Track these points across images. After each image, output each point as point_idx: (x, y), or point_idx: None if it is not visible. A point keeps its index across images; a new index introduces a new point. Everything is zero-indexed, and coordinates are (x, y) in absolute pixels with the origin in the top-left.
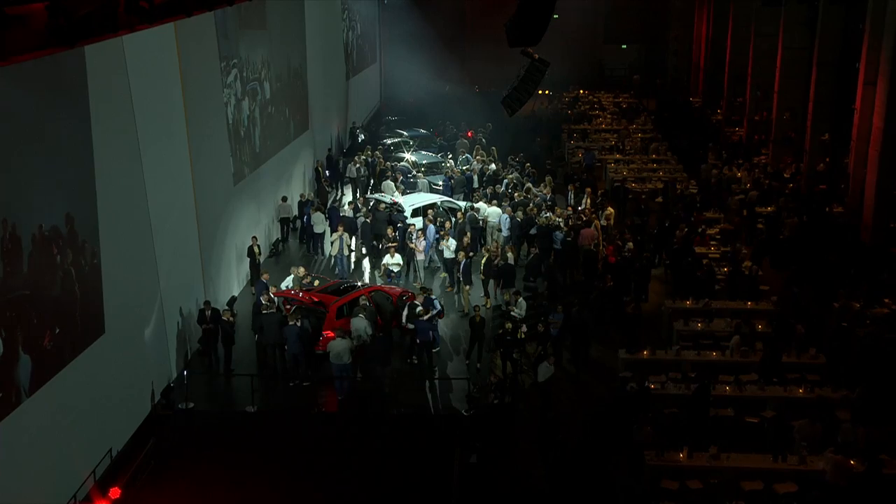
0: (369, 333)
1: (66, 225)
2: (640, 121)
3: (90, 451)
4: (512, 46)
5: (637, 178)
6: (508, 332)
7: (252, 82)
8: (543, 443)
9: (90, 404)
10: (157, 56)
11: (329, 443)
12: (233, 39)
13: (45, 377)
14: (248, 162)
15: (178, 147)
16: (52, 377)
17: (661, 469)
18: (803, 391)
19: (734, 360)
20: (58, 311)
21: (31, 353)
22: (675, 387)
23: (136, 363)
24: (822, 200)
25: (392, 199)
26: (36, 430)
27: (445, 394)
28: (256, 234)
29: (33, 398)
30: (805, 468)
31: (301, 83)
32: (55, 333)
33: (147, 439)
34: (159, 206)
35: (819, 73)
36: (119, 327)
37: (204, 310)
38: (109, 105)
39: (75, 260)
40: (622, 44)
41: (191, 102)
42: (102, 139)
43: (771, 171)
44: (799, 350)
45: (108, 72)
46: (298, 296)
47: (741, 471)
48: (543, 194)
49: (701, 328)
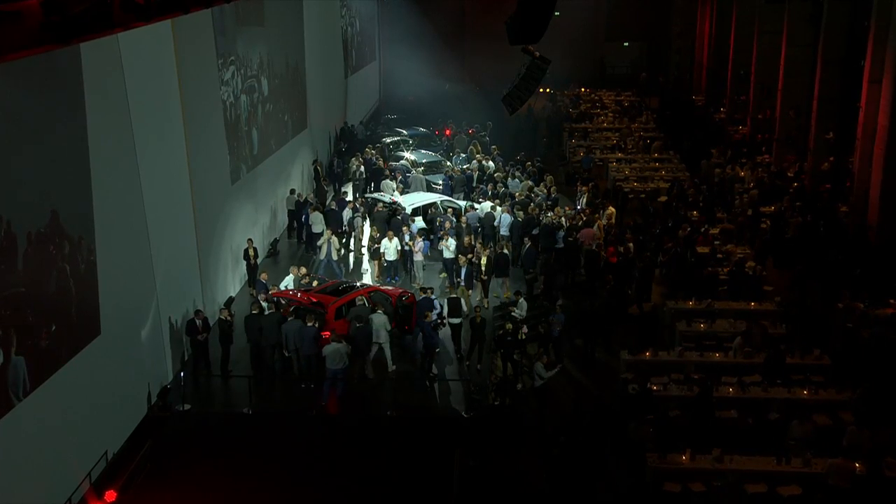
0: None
1: (62, 223)
2: (642, 119)
3: (85, 454)
4: (512, 44)
5: (639, 177)
6: (509, 333)
7: (250, 79)
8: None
9: (86, 406)
10: (153, 53)
11: (328, 445)
12: (230, 36)
13: (41, 378)
14: (245, 161)
15: (175, 146)
16: (48, 378)
17: (664, 472)
18: (807, 393)
19: (737, 361)
20: (53, 310)
21: (26, 353)
22: (677, 388)
23: (132, 364)
24: (826, 200)
25: (391, 198)
26: (31, 432)
27: (445, 395)
28: (254, 234)
29: (28, 400)
30: (809, 471)
31: (299, 81)
32: (51, 332)
33: (143, 442)
34: (156, 205)
35: (823, 70)
36: (115, 328)
37: (194, 319)
38: (105, 103)
39: (71, 259)
40: (624, 41)
41: (188, 100)
42: (98, 137)
43: (774, 170)
44: (803, 351)
45: (104, 69)
46: (297, 296)
47: (745, 473)
48: (544, 194)
49: (704, 329)
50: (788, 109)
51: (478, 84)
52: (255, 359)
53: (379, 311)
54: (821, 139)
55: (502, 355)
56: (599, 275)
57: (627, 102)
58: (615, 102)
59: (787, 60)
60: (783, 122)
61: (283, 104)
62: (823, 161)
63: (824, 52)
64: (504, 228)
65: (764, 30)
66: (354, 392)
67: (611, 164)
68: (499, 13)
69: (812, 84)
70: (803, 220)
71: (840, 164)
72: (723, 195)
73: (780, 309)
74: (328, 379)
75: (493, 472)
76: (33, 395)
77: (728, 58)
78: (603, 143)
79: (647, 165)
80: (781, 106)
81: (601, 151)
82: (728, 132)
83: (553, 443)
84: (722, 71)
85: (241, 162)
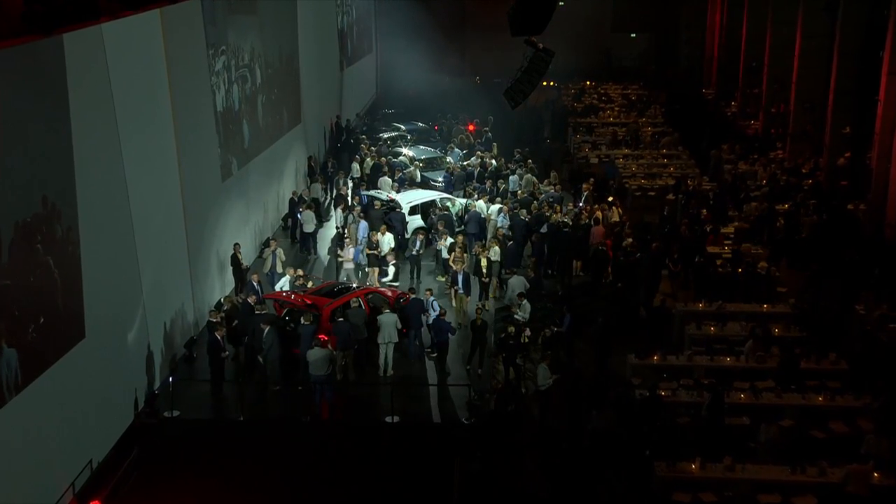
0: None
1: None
2: (651, 113)
3: (69, 462)
4: (515, 35)
5: (647, 174)
6: (511, 336)
7: (241, 69)
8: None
9: (69, 412)
10: (141, 43)
11: (323, 453)
12: (221, 25)
13: (22, 383)
14: (237, 157)
15: (164, 141)
16: (29, 384)
17: (673, 481)
18: (823, 399)
19: (749, 365)
20: (36, 310)
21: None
22: (686, 394)
23: (118, 369)
24: (842, 197)
25: (388, 196)
26: (11, 440)
27: (445, 401)
28: (246, 233)
29: (9, 406)
30: (825, 480)
31: (293, 73)
32: (33, 332)
33: (130, 450)
34: (143, 202)
35: (840, 62)
36: (100, 331)
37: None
38: (90, 96)
39: (55, 258)
40: (631, 32)
41: (177, 92)
42: (82, 130)
43: (788, 166)
44: (819, 355)
45: (89, 61)
46: (290, 298)
47: (758, 483)
48: (549, 192)
49: (714, 332)
50: (803, 103)
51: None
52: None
53: (386, 311)
54: (837, 134)
55: (504, 359)
56: (607, 275)
57: (635, 96)
58: (622, 96)
59: (802, 52)
60: (797, 116)
61: (275, 98)
62: (840, 157)
63: (841, 42)
64: (500, 219)
65: (777, 19)
66: (351, 397)
67: (617, 161)
68: (501, 3)
69: (828, 76)
70: (818, 219)
71: (857, 160)
72: (734, 192)
73: (794, 311)
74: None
75: (494, 480)
76: (14, 401)
77: (740, 49)
78: (608, 138)
79: (655, 161)
80: (796, 99)
81: (607, 147)
82: (740, 127)
83: (556, 450)
84: (733, 63)
85: (233, 158)
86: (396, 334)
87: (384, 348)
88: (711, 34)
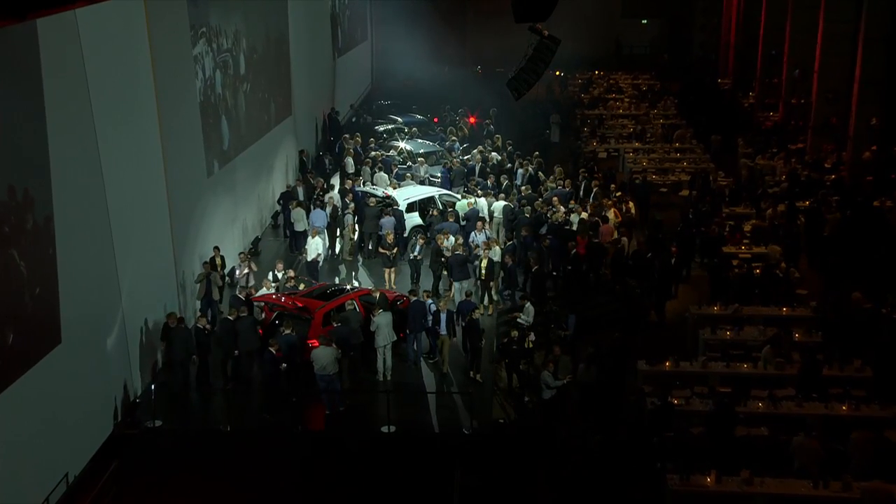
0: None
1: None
2: (663, 105)
3: (43, 477)
4: (518, 22)
5: (658, 168)
6: (514, 341)
7: (223, 54)
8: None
9: (44, 423)
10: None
11: (316, 465)
12: (202, 6)
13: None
14: (223, 151)
15: (148, 133)
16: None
17: (686, 495)
18: (847, 408)
19: (768, 372)
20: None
21: None
22: (701, 403)
23: (96, 376)
24: (868, 193)
25: (384, 192)
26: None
27: (444, 410)
28: (232, 233)
29: None
30: (850, 495)
31: (283, 61)
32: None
33: (109, 462)
34: (122, 199)
35: (865, 49)
36: (77, 336)
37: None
38: (64, 85)
39: (28, 258)
40: (642, 18)
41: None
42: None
43: (809, 160)
44: (842, 362)
45: (64, 47)
46: (280, 300)
47: (777, 498)
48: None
49: (730, 337)
50: (826, 93)
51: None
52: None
53: (380, 312)
54: (862, 126)
55: (507, 365)
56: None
57: (646, 86)
58: (632, 86)
59: (825, 38)
60: (819, 107)
61: (263, 87)
62: (865, 150)
63: (867, 28)
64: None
65: (799, 4)
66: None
67: (627, 155)
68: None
69: (853, 64)
70: (842, 216)
71: (884, 153)
72: (751, 189)
73: (815, 315)
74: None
75: (496, 494)
76: None
77: (758, 36)
78: (619, 132)
79: (667, 156)
80: (818, 89)
81: (616, 140)
82: (758, 119)
83: (563, 462)
84: (751, 51)
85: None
86: (393, 333)
87: (382, 352)
88: (728, 20)
